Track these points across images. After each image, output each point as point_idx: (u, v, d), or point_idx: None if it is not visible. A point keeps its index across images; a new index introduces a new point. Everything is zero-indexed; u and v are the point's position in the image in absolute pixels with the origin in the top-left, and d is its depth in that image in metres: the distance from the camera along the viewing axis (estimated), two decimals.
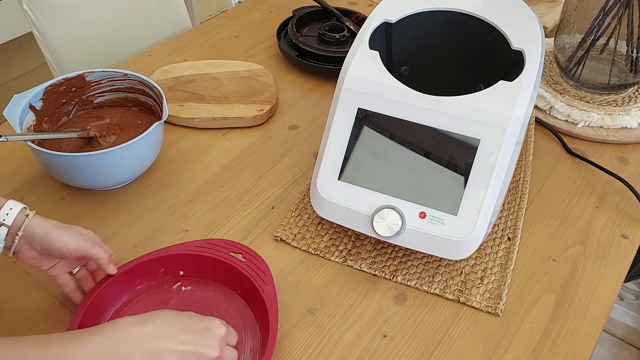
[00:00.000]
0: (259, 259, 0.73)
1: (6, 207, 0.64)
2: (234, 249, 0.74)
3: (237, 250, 0.74)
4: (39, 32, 1.16)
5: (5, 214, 0.63)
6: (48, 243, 0.64)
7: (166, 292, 0.74)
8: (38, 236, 0.64)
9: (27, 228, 0.64)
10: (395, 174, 0.75)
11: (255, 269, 0.72)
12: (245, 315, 0.72)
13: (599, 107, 1.03)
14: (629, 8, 0.95)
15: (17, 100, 0.85)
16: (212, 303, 0.73)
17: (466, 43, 0.85)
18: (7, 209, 0.64)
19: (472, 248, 0.73)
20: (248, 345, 0.69)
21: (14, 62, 2.34)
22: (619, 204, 0.89)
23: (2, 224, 0.63)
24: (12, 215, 0.64)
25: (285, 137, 1.00)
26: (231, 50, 1.20)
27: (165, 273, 0.75)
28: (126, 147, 0.80)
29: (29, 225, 0.64)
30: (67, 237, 0.65)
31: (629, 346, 1.59)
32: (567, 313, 0.75)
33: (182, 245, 0.75)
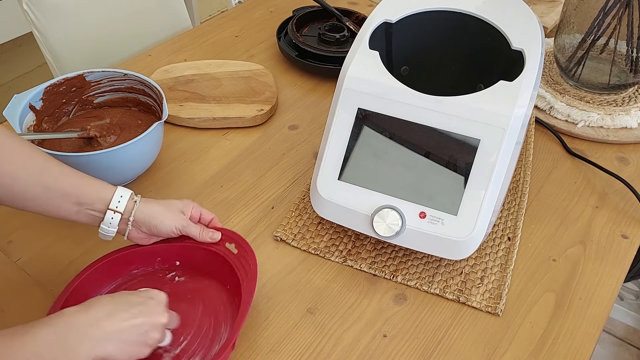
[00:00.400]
0: (249, 251, 0.73)
1: (117, 194, 0.69)
2: (228, 239, 0.75)
3: (231, 240, 0.75)
4: (39, 32, 1.16)
5: (117, 202, 0.69)
6: (154, 226, 0.71)
7: (160, 280, 0.75)
8: (144, 221, 0.71)
9: (136, 214, 0.70)
10: (395, 174, 0.75)
11: (244, 262, 0.73)
12: (229, 309, 0.73)
13: (599, 107, 1.03)
14: (629, 8, 0.95)
15: (17, 100, 0.85)
16: (201, 295, 0.74)
17: (466, 43, 0.85)
18: (118, 196, 0.69)
19: (472, 248, 0.73)
20: (224, 339, 0.69)
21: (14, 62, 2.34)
22: (619, 204, 0.89)
23: (116, 211, 0.69)
24: (123, 202, 0.69)
25: (285, 137, 1.00)
26: (231, 50, 1.20)
27: (162, 262, 0.76)
28: (126, 147, 0.80)
29: (137, 210, 0.70)
30: (169, 219, 0.72)
31: (629, 346, 1.59)
32: (567, 313, 0.75)
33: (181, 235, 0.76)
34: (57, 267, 0.78)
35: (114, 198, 0.69)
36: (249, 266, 0.71)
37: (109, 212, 0.68)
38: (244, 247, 0.74)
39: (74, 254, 0.80)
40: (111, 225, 0.69)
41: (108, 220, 0.69)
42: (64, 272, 0.77)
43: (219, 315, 0.72)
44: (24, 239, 0.82)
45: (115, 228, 0.69)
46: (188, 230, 0.73)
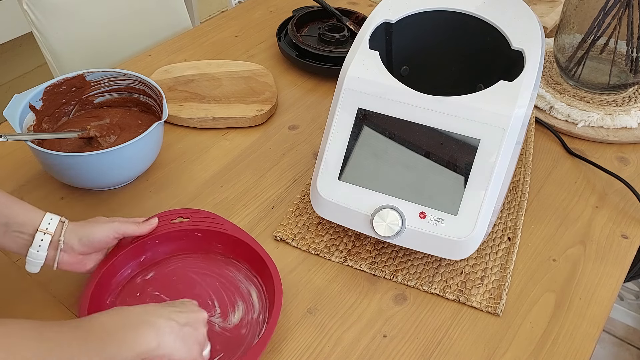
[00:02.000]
0: (200, 210, 0.78)
1: (47, 217, 0.67)
2: (172, 216, 0.77)
3: (175, 215, 0.77)
4: (39, 32, 1.16)
5: (47, 223, 0.66)
6: (86, 238, 0.68)
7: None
8: (76, 238, 0.67)
9: (66, 233, 0.67)
10: (395, 174, 0.75)
11: (203, 219, 0.77)
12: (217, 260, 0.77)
13: (599, 107, 1.03)
14: (629, 8, 0.95)
15: (17, 100, 0.85)
16: (184, 269, 0.76)
17: (466, 43, 0.85)
18: (48, 219, 0.66)
19: (472, 248, 0.73)
20: (240, 276, 0.75)
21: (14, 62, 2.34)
22: (619, 204, 0.89)
23: (46, 232, 0.66)
24: (53, 224, 0.66)
25: (285, 137, 1.00)
26: (231, 50, 1.20)
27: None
28: (126, 147, 0.80)
29: (67, 230, 0.67)
30: (98, 227, 0.69)
31: (629, 346, 1.59)
32: (567, 313, 0.75)
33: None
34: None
35: (43, 220, 0.66)
36: (211, 219, 0.77)
37: (39, 233, 0.65)
38: (192, 213, 0.77)
39: None
40: (40, 249, 0.65)
41: (37, 243, 0.65)
42: (64, 272, 0.77)
43: (212, 268, 0.76)
44: None
45: (44, 252, 0.66)
46: (124, 229, 0.71)
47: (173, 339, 0.58)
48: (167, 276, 0.76)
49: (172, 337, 0.57)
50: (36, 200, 0.86)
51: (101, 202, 0.87)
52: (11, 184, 0.89)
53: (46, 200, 0.87)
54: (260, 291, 0.74)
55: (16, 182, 0.89)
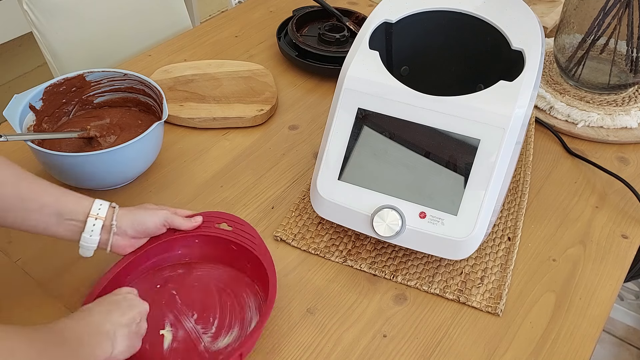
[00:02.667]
0: (244, 223, 0.76)
1: (96, 203, 0.68)
2: (218, 220, 0.77)
3: (221, 220, 0.76)
4: (39, 32, 1.16)
5: (97, 209, 0.68)
6: (139, 225, 0.71)
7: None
8: (129, 223, 0.70)
9: (118, 218, 0.69)
10: (395, 174, 0.75)
11: (244, 234, 0.75)
12: (241, 280, 0.76)
13: (599, 107, 1.03)
14: (629, 8, 0.95)
15: (17, 100, 0.85)
16: (208, 278, 0.76)
17: (466, 43, 0.85)
18: (98, 204, 0.68)
19: (472, 248, 0.73)
20: (252, 304, 0.73)
21: (14, 62, 2.35)
22: (619, 204, 0.89)
23: (97, 217, 0.67)
24: (104, 209, 0.68)
25: (285, 137, 1.00)
26: (231, 50, 1.20)
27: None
28: (126, 147, 0.80)
29: (118, 215, 0.69)
30: (151, 215, 0.72)
31: (629, 346, 1.59)
32: (567, 313, 0.75)
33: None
34: (57, 267, 0.78)
35: (93, 206, 0.68)
36: (251, 236, 0.75)
37: (90, 219, 0.67)
38: (235, 220, 0.76)
39: (74, 254, 0.79)
40: (93, 233, 0.67)
41: (89, 228, 0.67)
42: (64, 272, 0.77)
43: (233, 287, 0.75)
44: (24, 239, 0.81)
45: (97, 237, 0.68)
46: (172, 220, 0.74)
47: (124, 342, 0.62)
48: (191, 280, 0.76)
49: (123, 342, 0.62)
50: None
51: None
52: None
53: None
54: None
55: None
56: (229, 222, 0.77)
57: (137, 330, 0.65)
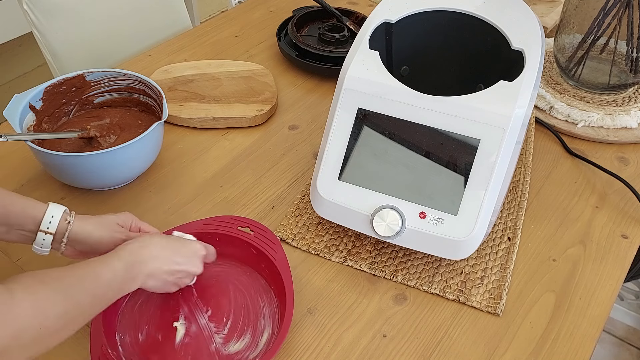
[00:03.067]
0: (266, 229, 0.76)
1: (48, 214, 0.66)
2: (241, 224, 0.77)
3: (245, 224, 0.77)
4: (39, 32, 1.16)
5: (48, 222, 0.66)
6: (90, 245, 0.69)
7: None
8: (80, 240, 0.68)
9: (71, 234, 0.67)
10: (395, 174, 0.75)
11: (264, 239, 0.75)
12: (258, 284, 0.75)
13: (599, 107, 1.03)
14: (629, 8, 0.95)
15: (17, 100, 0.85)
16: (226, 277, 0.76)
17: (466, 43, 0.85)
18: (49, 216, 0.66)
19: (472, 248, 0.73)
20: (267, 311, 0.72)
21: (14, 62, 2.35)
22: (619, 204, 0.89)
23: (47, 232, 0.66)
24: (55, 222, 0.66)
25: (285, 137, 1.00)
26: (231, 50, 1.20)
27: None
28: (126, 147, 0.80)
29: (71, 231, 0.67)
30: (106, 237, 0.69)
31: (629, 346, 1.59)
32: (567, 313, 0.75)
33: (191, 223, 0.78)
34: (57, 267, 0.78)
35: (44, 218, 0.66)
36: (270, 242, 0.75)
37: (40, 233, 0.66)
38: (257, 226, 0.77)
39: None
40: (43, 245, 0.67)
41: (39, 241, 0.66)
42: None
43: (250, 290, 0.74)
44: None
45: (48, 248, 0.67)
46: None
47: (156, 283, 0.66)
48: (209, 274, 0.75)
49: (155, 282, 0.66)
50: None
51: (101, 202, 0.87)
52: (11, 184, 0.89)
53: (46, 201, 0.86)
54: (272, 335, 0.71)
55: (16, 182, 0.89)
56: (252, 226, 0.77)
57: (175, 281, 0.68)
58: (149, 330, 0.70)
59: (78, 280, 0.58)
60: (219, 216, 0.79)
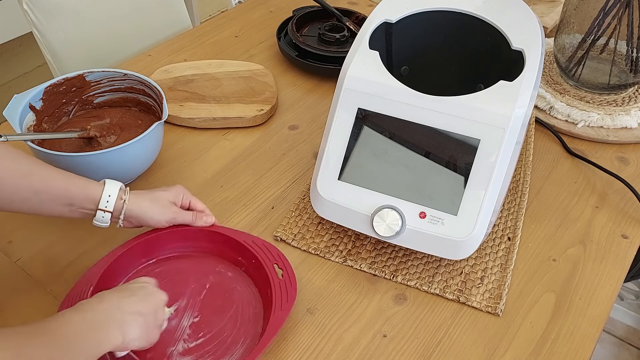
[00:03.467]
0: (293, 281, 0.72)
1: (105, 193, 0.71)
2: (278, 261, 0.74)
3: (280, 264, 0.74)
4: (39, 32, 1.16)
5: (105, 201, 0.70)
6: (144, 221, 0.74)
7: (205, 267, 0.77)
8: (134, 216, 0.73)
9: (126, 212, 0.72)
10: (395, 174, 0.75)
11: (284, 289, 0.72)
12: (254, 325, 0.72)
13: (599, 107, 1.03)
14: (629, 8, 0.95)
15: (17, 100, 0.85)
16: (236, 297, 0.74)
17: (466, 43, 0.85)
18: (107, 195, 0.71)
19: (472, 248, 0.73)
20: (236, 355, 0.69)
21: (14, 62, 2.35)
22: (619, 204, 0.89)
23: (105, 210, 0.71)
24: (112, 201, 0.71)
25: (285, 137, 1.00)
26: (231, 50, 1.20)
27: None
28: (126, 147, 0.80)
29: (127, 209, 0.72)
30: (158, 214, 0.74)
31: (629, 346, 1.59)
32: (567, 313, 0.75)
33: (238, 233, 0.78)
34: (57, 267, 0.78)
35: (102, 197, 0.70)
36: (286, 295, 0.71)
37: (99, 212, 0.71)
38: (289, 275, 0.73)
39: (74, 254, 0.80)
40: (103, 221, 0.71)
41: (99, 217, 0.71)
42: (64, 272, 0.77)
43: (242, 326, 0.71)
44: (24, 239, 0.82)
45: (107, 223, 0.72)
46: (179, 220, 0.76)
47: (137, 331, 0.62)
48: (226, 288, 0.75)
49: (136, 330, 0.61)
50: None
51: None
52: None
53: None
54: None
55: None
56: (279, 263, 0.74)
57: (153, 320, 0.64)
58: None
59: (36, 336, 0.54)
60: (259, 239, 0.77)
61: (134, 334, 0.61)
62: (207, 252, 0.78)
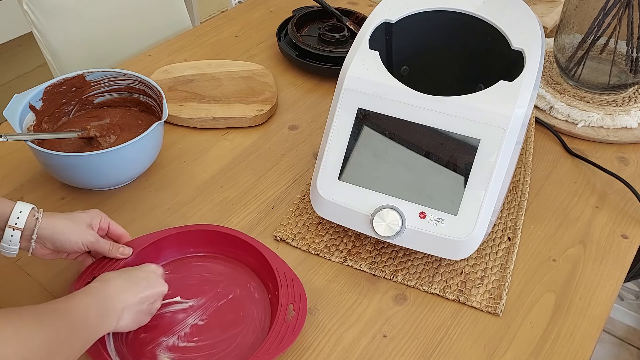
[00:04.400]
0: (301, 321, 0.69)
1: (16, 210, 0.65)
2: (294, 302, 0.70)
3: (296, 306, 0.69)
4: (39, 32, 1.16)
5: (16, 218, 0.65)
6: (60, 243, 0.68)
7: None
8: (48, 237, 0.67)
9: (39, 231, 0.66)
10: (395, 174, 0.75)
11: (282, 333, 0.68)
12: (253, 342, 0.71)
13: (599, 107, 1.03)
14: (629, 8, 0.95)
15: (17, 100, 0.85)
16: (246, 313, 0.73)
17: (466, 43, 0.85)
18: (17, 212, 0.65)
19: (472, 248, 0.73)
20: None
21: (14, 62, 2.35)
22: (619, 204, 0.89)
23: (15, 228, 0.65)
24: (23, 218, 0.65)
25: (285, 137, 1.00)
26: (231, 50, 1.20)
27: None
28: (126, 147, 0.80)
29: (40, 227, 0.66)
30: (75, 235, 0.68)
31: (629, 346, 1.59)
32: (567, 313, 0.75)
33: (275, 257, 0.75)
34: (57, 267, 0.78)
35: (12, 214, 0.65)
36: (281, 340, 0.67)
37: (8, 229, 0.65)
38: (300, 315, 0.69)
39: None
40: (12, 242, 0.65)
41: (7, 238, 0.65)
42: (64, 272, 0.77)
43: (236, 350, 0.69)
44: None
45: (16, 246, 0.66)
46: (96, 246, 0.70)
47: (130, 317, 0.64)
48: (231, 305, 0.75)
49: (128, 319, 0.64)
50: (36, 200, 0.86)
51: (101, 202, 0.87)
52: (11, 184, 0.89)
53: (46, 200, 0.87)
54: None
55: (16, 182, 0.89)
56: (295, 305, 0.70)
57: (148, 309, 0.67)
58: None
59: (52, 313, 0.56)
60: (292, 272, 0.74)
61: (126, 322, 0.64)
62: (249, 265, 0.77)
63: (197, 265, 0.78)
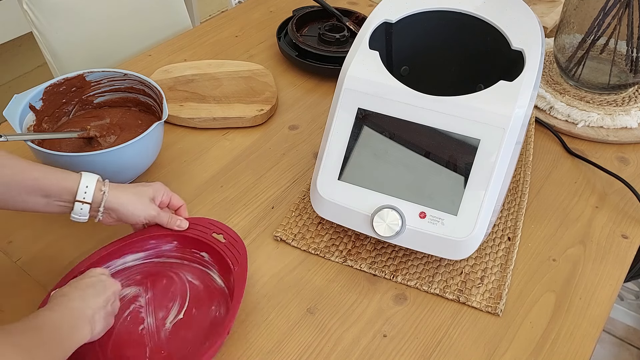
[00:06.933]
0: (238, 240, 0.75)
1: (82, 184, 0.69)
2: (216, 230, 0.77)
3: (219, 231, 0.76)
4: (39, 32, 1.16)
5: (83, 192, 0.69)
6: (124, 216, 0.72)
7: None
8: (114, 209, 0.71)
9: (106, 204, 0.70)
10: (395, 174, 0.75)
11: (233, 250, 0.75)
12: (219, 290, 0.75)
13: (599, 107, 1.03)
14: (629, 8, 0.95)
15: (17, 100, 0.85)
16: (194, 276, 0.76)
17: (466, 43, 0.85)
18: (84, 186, 0.69)
19: (472, 248, 0.73)
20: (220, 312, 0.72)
21: (14, 62, 2.35)
22: (619, 204, 0.89)
23: (84, 202, 0.69)
24: (90, 192, 0.69)
25: (285, 137, 1.00)
26: (231, 50, 1.20)
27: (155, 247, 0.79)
28: (126, 147, 0.80)
29: (107, 200, 0.70)
30: (139, 209, 0.73)
31: (629, 346, 1.59)
32: (567, 313, 0.75)
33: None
34: (57, 267, 0.78)
35: (79, 188, 0.69)
36: (238, 253, 0.74)
37: (77, 203, 0.69)
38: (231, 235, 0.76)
39: (74, 254, 0.80)
40: (81, 214, 0.70)
41: (77, 210, 0.70)
42: (64, 272, 0.77)
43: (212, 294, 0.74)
44: (24, 239, 0.82)
45: (86, 216, 0.70)
46: (157, 219, 0.75)
47: (102, 324, 0.65)
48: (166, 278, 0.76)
49: (101, 323, 0.65)
50: None
51: None
52: None
53: None
54: None
55: None
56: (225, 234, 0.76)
57: (112, 310, 0.67)
58: None
59: (23, 334, 0.56)
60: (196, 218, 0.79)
61: (100, 327, 0.64)
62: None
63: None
